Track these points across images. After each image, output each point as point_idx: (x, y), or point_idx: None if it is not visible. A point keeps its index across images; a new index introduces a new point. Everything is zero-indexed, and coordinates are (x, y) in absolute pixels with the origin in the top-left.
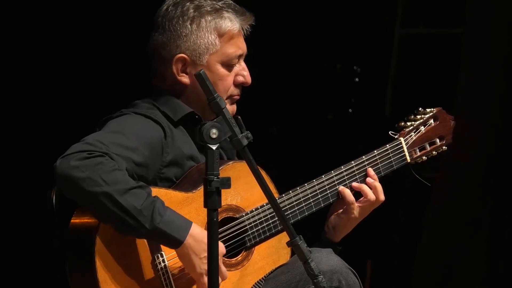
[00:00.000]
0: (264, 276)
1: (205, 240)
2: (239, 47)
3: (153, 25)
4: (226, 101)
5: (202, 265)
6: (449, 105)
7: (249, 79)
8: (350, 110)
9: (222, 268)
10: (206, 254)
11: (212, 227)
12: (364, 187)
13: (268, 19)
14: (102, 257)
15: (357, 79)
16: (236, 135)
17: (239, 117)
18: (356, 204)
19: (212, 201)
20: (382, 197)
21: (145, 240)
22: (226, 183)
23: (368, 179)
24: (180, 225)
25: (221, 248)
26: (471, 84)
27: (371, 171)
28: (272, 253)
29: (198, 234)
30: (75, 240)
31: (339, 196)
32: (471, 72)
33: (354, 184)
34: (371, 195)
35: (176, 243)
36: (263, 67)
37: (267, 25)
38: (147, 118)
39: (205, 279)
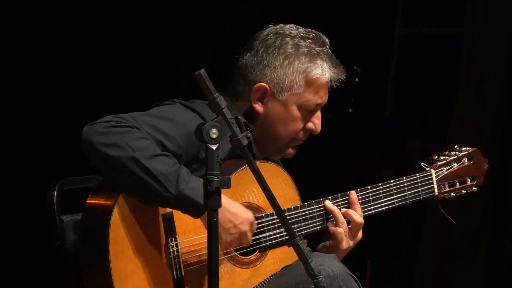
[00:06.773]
0: (267, 278)
1: (231, 209)
2: (321, 97)
3: (247, 44)
4: (289, 142)
5: (227, 236)
6: (450, 105)
7: (319, 128)
8: (350, 110)
9: (249, 235)
10: (231, 225)
11: (212, 227)
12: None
13: (268, 19)
14: (116, 231)
15: (357, 79)
16: (236, 135)
17: (239, 117)
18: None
19: (212, 201)
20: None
21: (161, 222)
22: (226, 183)
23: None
24: None
25: (249, 215)
26: (471, 84)
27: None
28: (286, 259)
29: (222, 202)
30: (91, 214)
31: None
32: (471, 72)
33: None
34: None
35: (200, 209)
36: None
37: (267, 25)
38: (194, 112)
39: (230, 249)
